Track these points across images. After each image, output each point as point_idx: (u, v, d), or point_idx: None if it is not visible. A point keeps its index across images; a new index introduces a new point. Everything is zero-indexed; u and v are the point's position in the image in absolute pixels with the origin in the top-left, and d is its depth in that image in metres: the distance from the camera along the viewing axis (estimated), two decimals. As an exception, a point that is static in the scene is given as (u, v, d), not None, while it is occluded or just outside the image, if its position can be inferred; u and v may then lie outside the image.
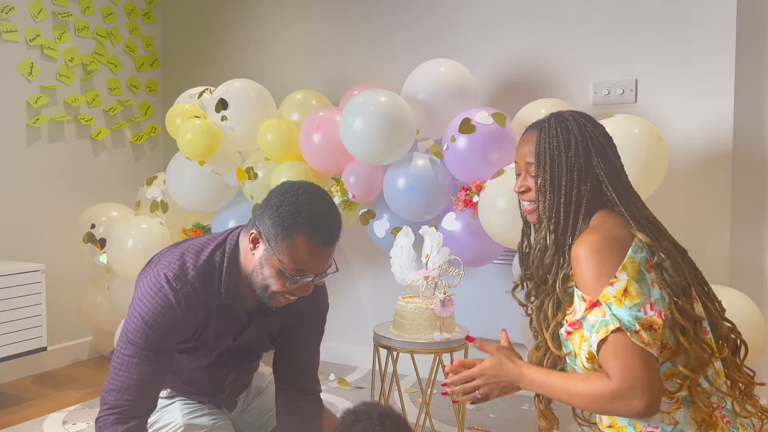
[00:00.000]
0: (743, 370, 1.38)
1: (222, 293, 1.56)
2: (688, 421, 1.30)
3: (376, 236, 2.96)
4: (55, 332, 3.33)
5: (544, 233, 1.41)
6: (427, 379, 2.43)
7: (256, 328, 1.68)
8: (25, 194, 3.39)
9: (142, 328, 1.51)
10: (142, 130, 4.02)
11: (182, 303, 1.51)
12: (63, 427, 2.72)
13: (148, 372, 1.52)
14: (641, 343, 1.24)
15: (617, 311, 1.25)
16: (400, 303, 2.31)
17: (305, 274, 1.48)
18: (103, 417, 1.51)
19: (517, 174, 1.51)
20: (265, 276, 1.51)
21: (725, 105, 2.67)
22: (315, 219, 1.46)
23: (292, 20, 3.71)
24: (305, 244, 1.45)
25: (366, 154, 2.69)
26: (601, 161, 1.40)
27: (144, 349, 1.51)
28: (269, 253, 1.48)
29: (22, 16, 3.33)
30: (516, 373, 1.42)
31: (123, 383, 1.51)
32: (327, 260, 1.51)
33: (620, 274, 1.27)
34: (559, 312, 1.39)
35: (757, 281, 2.69)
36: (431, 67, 2.82)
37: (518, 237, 2.44)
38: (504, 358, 1.44)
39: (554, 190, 1.39)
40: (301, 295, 1.54)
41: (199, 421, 1.70)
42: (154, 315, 1.51)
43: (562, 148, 1.39)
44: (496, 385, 1.44)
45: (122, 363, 1.52)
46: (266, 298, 1.55)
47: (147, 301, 1.52)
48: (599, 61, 2.90)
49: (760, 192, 2.73)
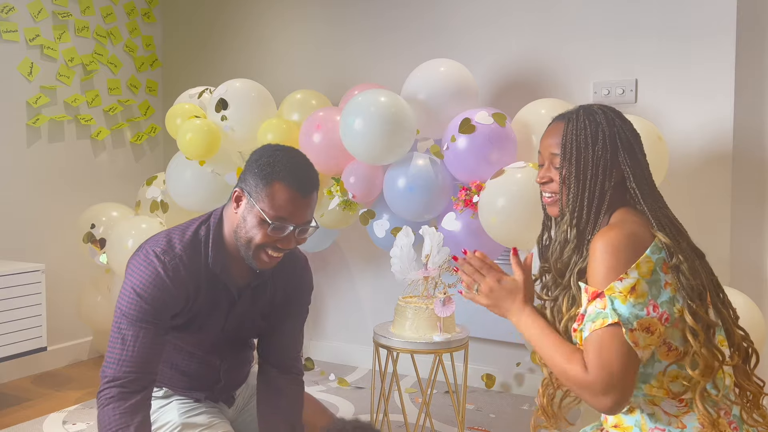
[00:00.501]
0: (753, 379, 1.36)
1: (210, 264, 1.61)
2: (695, 426, 1.29)
3: (376, 236, 2.95)
4: (55, 332, 3.33)
5: (566, 227, 1.39)
6: (427, 379, 2.43)
7: (247, 302, 1.71)
8: (25, 194, 3.39)
9: (135, 300, 1.55)
10: (142, 130, 4.02)
11: (171, 274, 1.56)
12: (63, 427, 2.72)
13: (144, 343, 1.55)
14: (632, 341, 1.23)
15: (619, 306, 1.24)
16: (400, 303, 2.31)
17: (285, 223, 1.54)
18: (105, 391, 1.53)
19: (540, 165, 1.48)
20: (247, 228, 1.56)
21: (725, 105, 2.67)
22: (292, 168, 1.56)
23: (292, 20, 3.71)
24: (283, 190, 1.53)
25: (366, 154, 2.69)
26: (627, 157, 1.37)
27: (138, 321, 1.55)
28: (251, 204, 1.55)
29: (22, 16, 3.33)
30: (519, 307, 1.42)
31: (121, 355, 1.54)
32: (306, 210, 1.57)
33: (632, 271, 1.25)
34: (573, 307, 1.38)
35: (757, 281, 2.69)
36: (431, 67, 2.82)
37: (518, 237, 2.47)
38: (522, 289, 1.43)
39: (578, 183, 1.37)
40: (284, 248, 1.58)
41: (196, 420, 1.70)
42: (144, 286, 1.55)
43: (589, 140, 1.36)
44: (497, 300, 1.44)
45: (118, 336, 1.55)
46: (251, 257, 1.59)
47: (137, 274, 1.57)
48: (599, 61, 2.90)
49: (760, 192, 2.73)
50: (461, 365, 2.51)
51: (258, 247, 1.57)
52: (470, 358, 2.53)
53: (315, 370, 3.48)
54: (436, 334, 2.22)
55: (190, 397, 1.78)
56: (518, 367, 3.14)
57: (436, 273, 2.30)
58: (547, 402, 1.49)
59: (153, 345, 1.57)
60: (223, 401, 1.85)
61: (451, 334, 2.24)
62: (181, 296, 1.59)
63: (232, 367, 1.82)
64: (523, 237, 2.46)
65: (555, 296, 1.44)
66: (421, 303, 2.27)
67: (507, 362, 3.15)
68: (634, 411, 1.36)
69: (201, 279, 1.62)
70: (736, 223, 2.71)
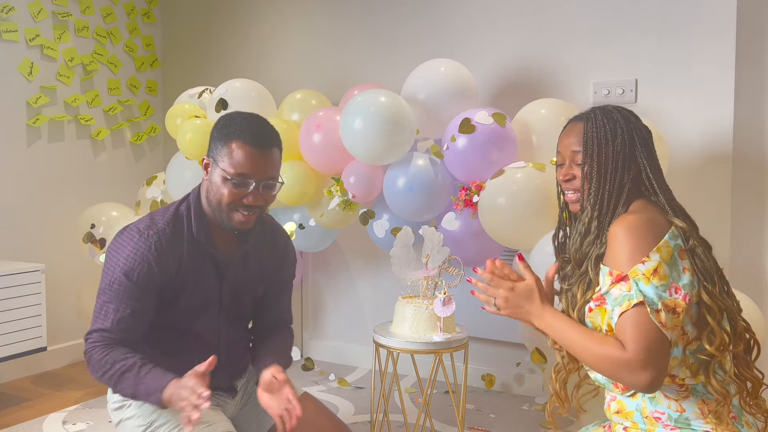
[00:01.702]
0: (753, 370, 1.41)
1: (195, 233, 1.69)
2: (694, 410, 1.34)
3: (376, 236, 2.95)
4: (55, 332, 3.34)
5: (587, 219, 1.45)
6: (427, 379, 2.43)
7: (237, 271, 1.78)
8: (24, 194, 3.39)
9: (119, 276, 1.62)
10: (142, 130, 4.02)
11: (153, 247, 1.64)
12: (63, 427, 2.72)
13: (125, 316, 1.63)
14: (659, 322, 1.27)
15: (644, 287, 1.29)
16: (400, 303, 2.31)
17: (246, 179, 1.63)
18: (92, 335, 1.64)
19: (559, 164, 1.55)
20: (215, 190, 1.66)
21: (725, 105, 2.67)
22: (247, 127, 1.66)
23: (292, 19, 3.72)
24: (240, 148, 1.63)
25: (366, 154, 2.69)
26: (644, 151, 1.46)
27: (121, 295, 1.62)
28: (215, 166, 1.66)
29: (22, 16, 3.33)
30: (539, 308, 1.44)
31: (102, 325, 1.63)
32: (266, 165, 1.65)
33: (653, 254, 1.31)
34: (588, 291, 1.42)
35: (757, 281, 2.69)
36: (431, 67, 2.82)
37: (517, 237, 2.47)
38: (537, 289, 1.46)
39: (600, 177, 1.44)
40: (253, 205, 1.65)
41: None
42: (128, 261, 1.62)
43: (609, 137, 1.44)
44: (516, 307, 1.46)
45: (102, 308, 1.63)
46: (225, 219, 1.67)
47: (121, 250, 1.64)
48: (599, 61, 2.90)
49: (760, 192, 2.73)
50: (461, 365, 2.51)
51: (228, 206, 1.65)
52: (470, 358, 2.53)
53: (315, 370, 3.48)
54: (436, 334, 2.22)
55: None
56: (518, 367, 3.14)
57: (436, 273, 2.30)
58: (560, 387, 1.53)
59: (134, 318, 1.64)
60: (225, 391, 1.85)
61: (451, 334, 2.24)
62: (164, 268, 1.65)
63: (232, 350, 1.84)
64: (523, 237, 2.46)
65: (570, 285, 1.49)
66: (421, 303, 2.27)
67: (507, 362, 3.15)
68: (636, 395, 1.39)
69: (184, 249, 1.69)
70: (736, 223, 2.71)
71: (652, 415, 1.37)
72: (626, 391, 1.39)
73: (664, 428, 1.35)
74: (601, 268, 1.39)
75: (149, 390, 1.57)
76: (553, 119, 2.62)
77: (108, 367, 1.60)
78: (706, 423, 1.33)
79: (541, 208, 2.40)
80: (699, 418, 1.34)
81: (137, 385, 1.58)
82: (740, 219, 2.72)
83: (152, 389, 1.57)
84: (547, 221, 2.42)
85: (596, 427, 1.54)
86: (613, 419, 1.45)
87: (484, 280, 1.49)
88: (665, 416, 1.35)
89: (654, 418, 1.36)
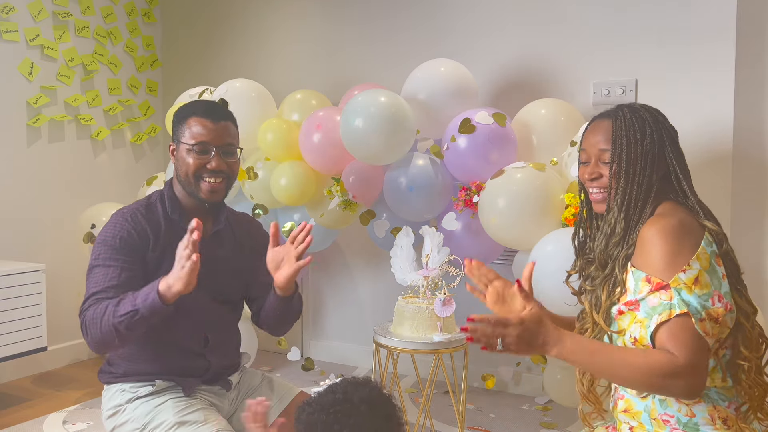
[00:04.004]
0: (764, 376, 1.39)
1: (169, 212, 1.82)
2: (704, 416, 1.32)
3: (376, 236, 2.96)
4: (55, 332, 3.33)
5: (613, 219, 1.42)
6: (427, 379, 2.43)
7: (212, 248, 1.84)
8: (25, 194, 3.39)
9: (103, 248, 1.73)
10: (142, 130, 4.02)
11: (130, 219, 1.78)
12: (63, 427, 2.72)
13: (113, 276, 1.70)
14: (702, 331, 1.26)
15: (687, 297, 1.27)
16: (400, 303, 2.31)
17: (207, 145, 1.79)
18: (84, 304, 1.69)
19: (584, 162, 1.50)
20: (181, 163, 1.81)
21: (725, 105, 2.67)
22: (200, 104, 1.88)
23: (292, 19, 3.72)
24: (197, 121, 1.80)
25: (366, 154, 2.69)
26: (673, 151, 1.43)
27: (106, 261, 1.72)
28: (179, 145, 1.83)
29: (22, 16, 3.33)
30: (555, 335, 1.32)
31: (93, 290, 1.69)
32: (222, 133, 1.81)
33: (693, 263, 1.29)
34: (613, 292, 1.39)
35: (757, 281, 2.69)
36: (431, 67, 2.82)
37: (517, 237, 2.47)
38: (545, 316, 1.36)
39: (628, 177, 1.40)
40: (217, 170, 1.79)
41: (191, 417, 1.70)
42: (108, 233, 1.75)
43: (638, 136, 1.41)
44: (528, 342, 1.31)
45: (90, 280, 1.72)
46: (194, 191, 1.81)
47: (102, 231, 1.78)
48: (599, 61, 2.90)
49: (760, 192, 2.73)
50: (461, 365, 2.51)
51: (195, 176, 1.79)
52: (470, 358, 2.53)
53: (315, 370, 3.48)
54: (436, 334, 2.22)
55: (183, 383, 1.78)
56: (518, 367, 3.14)
57: (436, 273, 2.30)
58: (587, 389, 1.48)
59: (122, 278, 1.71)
60: (221, 385, 1.86)
61: (451, 334, 2.24)
62: (142, 234, 1.77)
63: (221, 330, 1.87)
64: (523, 237, 2.46)
65: (594, 286, 1.46)
66: (421, 303, 2.27)
67: (507, 362, 3.15)
68: (646, 396, 1.37)
69: (161, 225, 1.81)
70: (736, 224, 2.71)
71: (661, 417, 1.34)
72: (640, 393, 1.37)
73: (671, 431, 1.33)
74: (632, 271, 1.35)
75: (145, 292, 1.61)
76: (553, 119, 2.63)
77: (103, 310, 1.63)
78: (715, 429, 1.31)
79: (541, 208, 2.40)
80: (708, 424, 1.32)
81: (135, 298, 1.62)
82: (740, 219, 2.72)
83: (148, 289, 1.62)
84: (547, 221, 2.42)
85: (599, 427, 1.53)
86: (619, 417, 1.43)
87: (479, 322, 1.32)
88: (674, 419, 1.33)
89: (663, 421, 1.34)
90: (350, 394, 1.17)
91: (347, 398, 1.17)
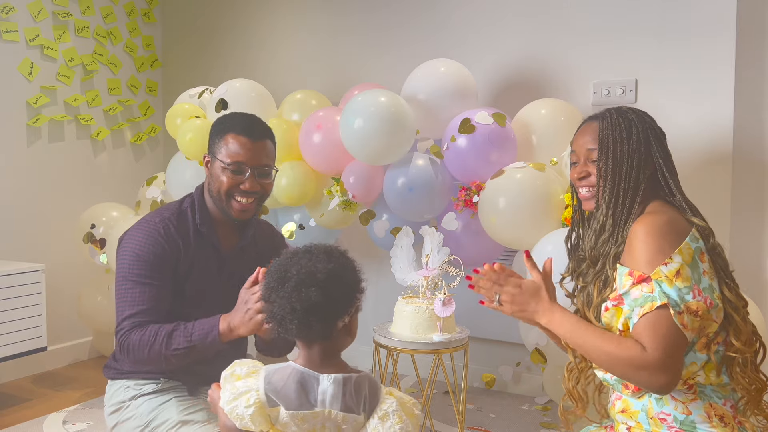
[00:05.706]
0: (759, 373, 1.41)
1: (198, 224, 1.82)
2: (701, 414, 1.33)
3: (376, 236, 2.95)
4: (55, 332, 3.33)
5: (602, 217, 1.45)
6: (427, 379, 2.43)
7: (236, 261, 1.87)
8: (25, 194, 3.39)
9: (137, 263, 1.72)
10: (142, 130, 4.02)
11: (162, 231, 1.77)
12: (63, 427, 2.72)
13: (151, 296, 1.70)
14: (681, 324, 1.27)
15: (667, 289, 1.29)
16: (400, 303, 2.31)
17: (243, 166, 1.77)
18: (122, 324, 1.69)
19: (573, 163, 1.55)
20: (215, 180, 1.80)
21: (725, 105, 2.67)
22: (240, 121, 1.83)
23: (293, 20, 3.71)
24: (235, 139, 1.78)
25: (366, 154, 2.69)
26: (660, 151, 1.47)
27: (141, 278, 1.71)
28: (214, 160, 1.81)
29: (22, 16, 3.33)
30: (546, 306, 1.43)
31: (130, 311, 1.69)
32: (259, 153, 1.80)
33: (675, 256, 1.31)
34: (605, 289, 1.42)
35: (757, 281, 2.69)
36: (431, 67, 2.82)
37: (518, 237, 2.47)
38: (544, 287, 1.45)
39: (615, 175, 1.44)
40: (250, 191, 1.78)
41: (195, 417, 1.71)
42: (141, 245, 1.74)
43: (624, 135, 1.45)
44: (522, 305, 1.45)
45: (125, 296, 1.70)
46: (225, 208, 1.80)
47: (133, 239, 1.75)
48: (599, 61, 2.90)
49: (760, 192, 2.73)
50: (461, 365, 2.51)
51: (227, 194, 1.79)
52: (470, 358, 2.53)
53: (315, 370, 3.48)
54: (436, 334, 2.22)
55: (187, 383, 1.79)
56: (518, 367, 3.13)
57: (436, 273, 2.30)
58: (572, 386, 1.51)
59: (159, 297, 1.72)
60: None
61: (451, 334, 2.24)
62: (174, 247, 1.77)
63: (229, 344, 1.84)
64: (523, 237, 2.46)
65: (585, 283, 1.49)
66: (421, 303, 2.27)
67: (507, 362, 3.15)
68: (643, 396, 1.38)
69: (190, 237, 1.81)
70: (736, 224, 2.71)
71: (658, 416, 1.36)
72: (637, 392, 1.38)
73: (668, 430, 1.34)
74: (619, 268, 1.37)
75: (204, 330, 1.63)
76: (553, 119, 2.63)
77: (153, 338, 1.65)
78: (711, 427, 1.32)
79: (541, 208, 2.40)
80: (705, 422, 1.33)
81: (191, 334, 1.64)
82: (740, 219, 2.72)
83: (207, 327, 1.64)
84: (547, 221, 2.42)
85: (597, 428, 1.53)
86: (616, 418, 1.44)
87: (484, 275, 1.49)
88: (671, 418, 1.34)
89: (659, 420, 1.36)
90: (314, 247, 1.34)
91: (308, 248, 1.33)
